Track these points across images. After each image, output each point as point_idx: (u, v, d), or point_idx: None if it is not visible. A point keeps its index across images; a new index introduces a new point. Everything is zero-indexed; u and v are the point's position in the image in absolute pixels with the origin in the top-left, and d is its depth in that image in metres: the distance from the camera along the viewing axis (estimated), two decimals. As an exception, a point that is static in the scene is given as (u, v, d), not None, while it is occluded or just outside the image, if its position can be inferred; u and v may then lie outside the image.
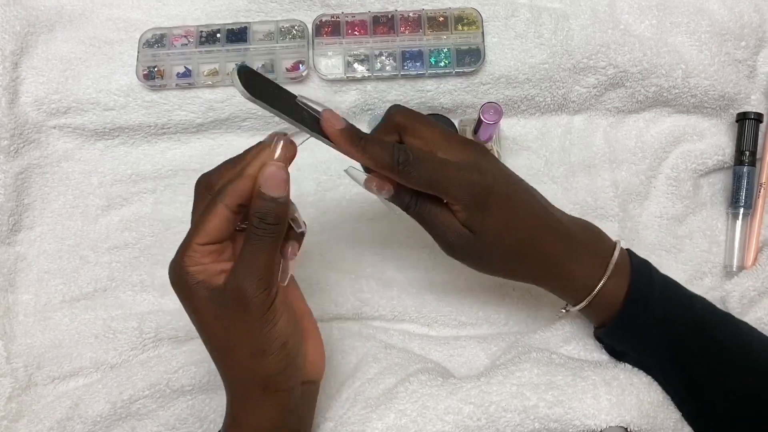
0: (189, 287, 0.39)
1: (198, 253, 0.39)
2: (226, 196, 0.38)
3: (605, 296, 0.47)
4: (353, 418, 0.47)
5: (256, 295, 0.38)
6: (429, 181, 0.42)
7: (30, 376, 0.56)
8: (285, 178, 0.39)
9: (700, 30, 0.61)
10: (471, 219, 0.43)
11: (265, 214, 0.38)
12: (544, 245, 0.46)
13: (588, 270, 0.47)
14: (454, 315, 0.59)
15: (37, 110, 0.61)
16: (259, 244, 0.38)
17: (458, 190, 0.43)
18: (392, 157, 0.42)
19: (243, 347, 0.40)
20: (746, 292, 0.56)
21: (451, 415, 0.45)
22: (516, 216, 0.45)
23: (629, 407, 0.45)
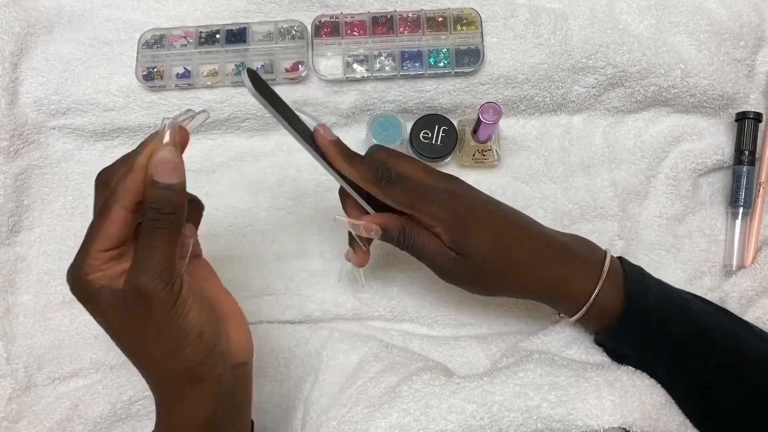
0: (91, 294, 0.37)
1: (98, 260, 0.36)
2: (120, 195, 0.36)
3: (601, 303, 0.48)
4: (356, 417, 0.47)
5: (158, 292, 0.36)
6: (410, 198, 0.45)
7: (30, 376, 0.56)
8: (178, 162, 0.37)
9: (699, 30, 0.61)
10: (456, 240, 0.45)
11: (161, 204, 0.36)
12: (535, 257, 0.47)
13: (582, 278, 0.48)
14: (454, 315, 0.59)
15: (36, 111, 0.61)
16: (155, 236, 0.36)
17: (437, 209, 0.45)
18: (377, 173, 0.44)
19: (157, 346, 0.38)
20: (746, 292, 0.56)
21: (454, 414, 0.45)
22: (500, 232, 0.47)
23: (632, 409, 0.45)
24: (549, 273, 0.47)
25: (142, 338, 0.38)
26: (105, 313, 0.37)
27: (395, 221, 0.47)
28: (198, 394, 0.40)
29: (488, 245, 0.46)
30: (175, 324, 0.37)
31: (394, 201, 0.45)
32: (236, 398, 0.43)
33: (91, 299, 0.37)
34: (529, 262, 0.47)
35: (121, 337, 0.39)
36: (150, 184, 0.36)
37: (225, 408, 0.42)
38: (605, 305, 0.48)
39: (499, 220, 0.47)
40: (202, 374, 0.39)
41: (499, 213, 0.48)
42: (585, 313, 0.48)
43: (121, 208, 0.36)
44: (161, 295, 0.36)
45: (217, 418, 0.41)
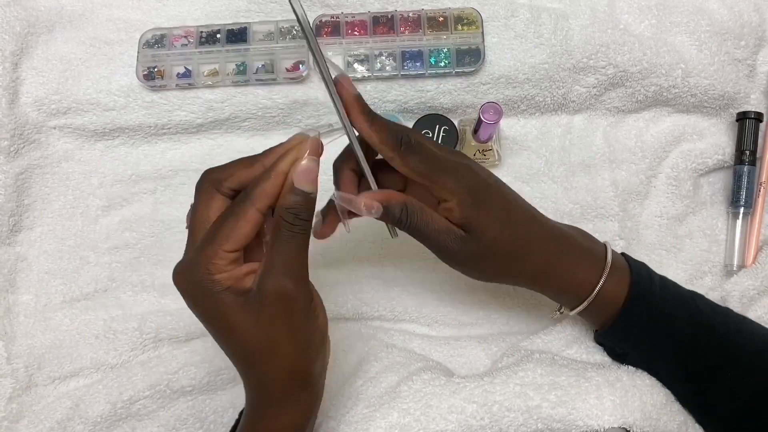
0: (214, 296, 0.37)
1: (224, 261, 0.37)
2: (258, 198, 0.37)
3: (605, 296, 0.47)
4: (356, 417, 0.47)
5: (300, 293, 0.38)
6: (427, 168, 0.42)
7: (30, 376, 0.56)
8: (318, 172, 0.38)
9: (699, 29, 0.61)
10: (467, 216, 0.42)
11: (299, 210, 0.38)
12: (540, 244, 0.46)
13: (586, 269, 0.47)
14: (455, 315, 0.59)
15: (37, 111, 0.61)
16: (294, 240, 0.38)
17: (454, 182, 0.42)
18: (397, 137, 0.42)
19: (288, 347, 0.39)
20: (746, 291, 0.56)
21: (454, 414, 0.45)
22: (511, 214, 0.45)
23: (632, 409, 0.45)
24: (554, 261, 0.46)
25: (272, 339, 0.38)
26: (228, 314, 0.37)
27: (397, 198, 0.43)
28: (307, 395, 0.42)
29: (500, 224, 0.43)
30: (309, 326, 0.39)
31: (412, 169, 0.42)
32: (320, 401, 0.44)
33: (211, 300, 0.37)
34: (536, 248, 0.45)
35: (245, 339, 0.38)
36: (291, 191, 0.38)
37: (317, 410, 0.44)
38: (608, 298, 0.47)
39: (511, 202, 0.45)
40: (315, 376, 0.41)
41: (510, 194, 0.46)
42: (587, 305, 0.47)
43: (257, 210, 0.37)
44: (302, 297, 0.38)
45: (311, 420, 0.43)
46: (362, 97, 0.42)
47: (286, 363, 0.40)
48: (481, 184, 0.44)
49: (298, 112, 0.62)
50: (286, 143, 0.39)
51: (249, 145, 0.63)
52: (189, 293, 0.38)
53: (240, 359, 0.40)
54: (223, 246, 0.37)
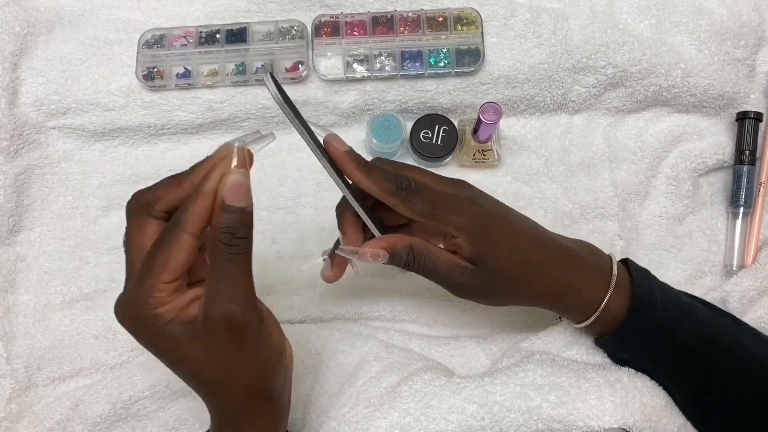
0: (159, 329, 0.35)
1: (164, 292, 0.35)
2: (189, 223, 0.35)
3: (608, 311, 0.47)
4: (356, 417, 0.47)
5: (248, 319, 0.36)
6: (431, 208, 0.42)
7: (30, 376, 0.56)
8: (249, 185, 0.36)
9: (699, 29, 0.61)
10: (476, 250, 0.43)
11: (235, 228, 0.35)
12: (549, 266, 0.46)
13: (591, 286, 0.47)
14: (455, 314, 0.59)
15: (36, 111, 0.61)
16: (234, 262, 0.35)
17: (459, 218, 0.42)
18: (396, 183, 0.41)
19: (243, 372, 0.38)
20: (746, 291, 0.56)
21: (454, 414, 0.45)
22: (518, 239, 0.45)
23: (633, 410, 0.45)
24: (560, 280, 0.46)
25: (227, 366, 0.37)
26: (177, 346, 0.36)
27: (402, 242, 0.43)
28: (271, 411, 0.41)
29: (508, 253, 0.44)
30: (263, 348, 0.38)
31: (416, 211, 0.42)
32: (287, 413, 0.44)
33: (158, 334, 0.35)
34: (542, 270, 0.45)
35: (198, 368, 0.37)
36: (223, 209, 0.35)
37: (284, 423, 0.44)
38: (612, 312, 0.47)
39: (517, 228, 0.45)
40: (276, 392, 0.40)
41: (516, 220, 0.46)
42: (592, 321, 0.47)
43: (190, 236, 0.35)
44: (252, 320, 0.36)
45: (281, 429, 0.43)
46: (353, 151, 0.42)
47: (243, 387, 0.38)
48: (486, 215, 0.43)
49: (298, 112, 0.62)
50: (212, 157, 0.37)
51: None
52: (134, 329, 0.36)
53: (197, 386, 0.39)
54: (160, 278, 0.35)
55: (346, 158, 0.41)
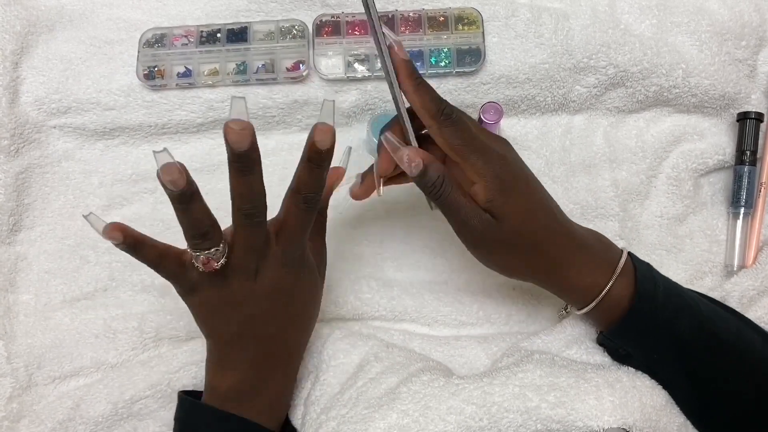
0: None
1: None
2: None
3: (611, 298, 0.47)
4: (355, 418, 0.47)
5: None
6: (461, 144, 0.43)
7: (30, 376, 0.56)
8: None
9: (700, 29, 0.61)
10: (492, 199, 0.44)
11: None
12: (557, 240, 0.47)
13: (596, 271, 0.47)
14: (455, 315, 0.59)
15: (37, 110, 0.61)
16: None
17: (484, 164, 0.43)
18: (438, 106, 0.43)
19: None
20: (746, 291, 0.56)
21: (453, 415, 0.45)
22: (535, 207, 0.46)
23: (632, 410, 0.45)
24: (568, 259, 0.47)
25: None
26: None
27: (438, 164, 0.44)
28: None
29: (522, 215, 0.45)
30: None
31: (446, 141, 0.43)
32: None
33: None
34: (552, 243, 0.46)
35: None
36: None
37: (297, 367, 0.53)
38: (615, 300, 0.47)
39: (536, 194, 0.47)
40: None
41: (537, 188, 0.47)
42: (594, 306, 0.48)
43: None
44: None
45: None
46: (412, 62, 0.44)
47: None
48: (510, 171, 0.45)
49: (299, 111, 0.62)
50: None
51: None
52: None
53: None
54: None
55: (403, 66, 0.43)
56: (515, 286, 0.60)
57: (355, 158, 0.64)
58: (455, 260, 0.61)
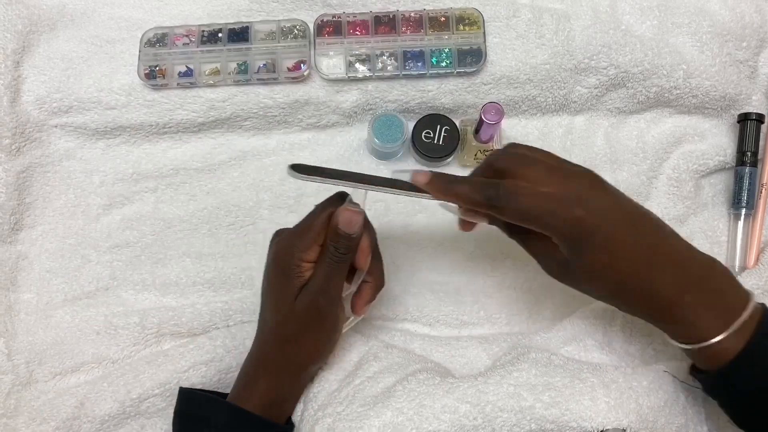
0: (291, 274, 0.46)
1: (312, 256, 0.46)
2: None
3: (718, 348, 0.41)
4: (351, 415, 0.47)
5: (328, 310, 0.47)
6: (523, 215, 0.42)
7: (31, 372, 0.57)
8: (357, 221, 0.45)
9: (701, 31, 0.61)
10: (570, 254, 0.42)
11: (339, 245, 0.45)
12: (653, 282, 0.42)
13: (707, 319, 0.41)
14: (456, 315, 0.59)
15: (38, 109, 0.61)
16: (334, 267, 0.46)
17: (555, 223, 0.41)
18: (480, 193, 0.43)
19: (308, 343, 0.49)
20: (751, 290, 0.56)
21: (447, 414, 0.45)
22: (621, 255, 0.41)
23: (627, 411, 0.45)
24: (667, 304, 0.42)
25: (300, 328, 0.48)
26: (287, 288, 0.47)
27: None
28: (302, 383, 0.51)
29: (602, 267, 0.41)
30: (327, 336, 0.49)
31: (508, 218, 0.42)
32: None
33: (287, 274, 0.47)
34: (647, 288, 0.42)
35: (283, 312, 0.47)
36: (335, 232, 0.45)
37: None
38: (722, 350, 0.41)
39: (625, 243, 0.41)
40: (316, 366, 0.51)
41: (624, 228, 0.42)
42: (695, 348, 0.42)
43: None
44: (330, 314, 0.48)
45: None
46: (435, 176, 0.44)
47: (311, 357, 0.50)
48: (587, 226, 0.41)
49: (300, 111, 0.62)
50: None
51: (250, 144, 0.64)
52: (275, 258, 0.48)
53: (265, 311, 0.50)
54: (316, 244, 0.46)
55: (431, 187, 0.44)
56: (516, 286, 0.60)
57: (356, 158, 0.64)
58: (456, 260, 0.61)
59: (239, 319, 0.58)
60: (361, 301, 0.50)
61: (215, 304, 0.58)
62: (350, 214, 0.45)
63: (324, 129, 0.64)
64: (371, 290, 0.50)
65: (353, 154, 0.64)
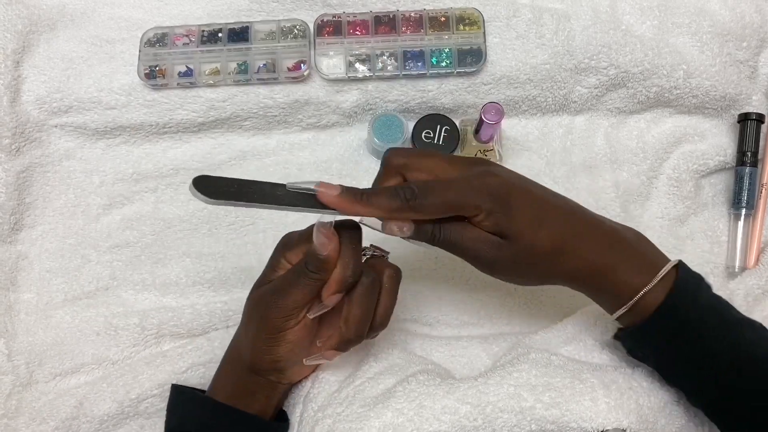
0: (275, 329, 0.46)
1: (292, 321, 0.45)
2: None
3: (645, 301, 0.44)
4: (351, 416, 0.47)
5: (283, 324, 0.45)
6: (444, 203, 0.41)
7: (31, 373, 0.57)
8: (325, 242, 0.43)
9: (701, 31, 0.61)
10: (498, 223, 0.42)
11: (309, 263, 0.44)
12: (584, 241, 0.44)
13: (633, 270, 0.44)
14: (456, 314, 0.59)
15: (38, 109, 0.61)
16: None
17: (475, 196, 0.41)
18: (398, 197, 0.41)
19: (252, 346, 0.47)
20: (752, 290, 0.56)
21: (447, 414, 0.45)
22: (545, 210, 0.43)
23: (627, 411, 0.45)
24: (597, 259, 0.44)
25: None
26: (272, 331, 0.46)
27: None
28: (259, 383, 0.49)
29: (534, 224, 0.42)
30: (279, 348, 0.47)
31: (431, 214, 0.42)
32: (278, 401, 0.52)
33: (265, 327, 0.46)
34: (577, 245, 0.43)
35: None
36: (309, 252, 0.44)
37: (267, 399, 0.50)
38: (647, 302, 0.44)
39: (542, 199, 0.44)
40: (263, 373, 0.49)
41: (541, 192, 0.45)
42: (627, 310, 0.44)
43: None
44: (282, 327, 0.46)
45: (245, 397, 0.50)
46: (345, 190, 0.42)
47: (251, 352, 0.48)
48: (503, 185, 0.42)
49: (300, 111, 0.62)
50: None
51: (250, 144, 0.64)
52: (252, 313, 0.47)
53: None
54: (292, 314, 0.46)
55: (341, 202, 0.41)
56: (516, 287, 0.60)
57: (356, 158, 0.64)
58: (456, 259, 0.60)
59: (238, 319, 0.58)
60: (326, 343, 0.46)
61: (215, 305, 0.58)
62: (323, 236, 0.42)
63: (324, 129, 0.64)
64: (336, 338, 0.46)
65: (353, 154, 0.64)
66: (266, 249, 0.62)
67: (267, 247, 0.61)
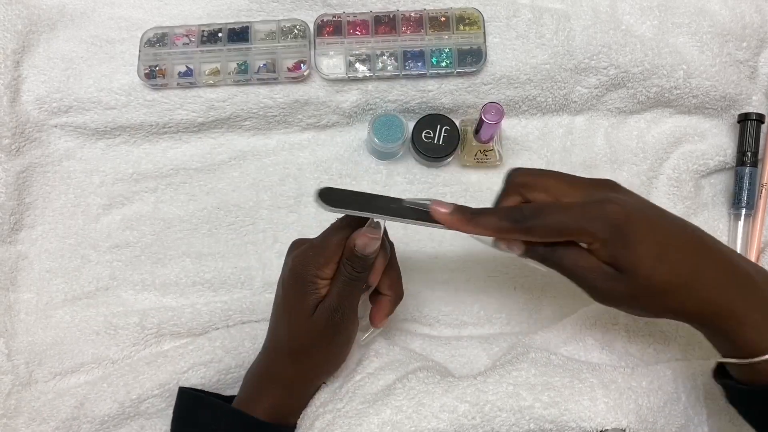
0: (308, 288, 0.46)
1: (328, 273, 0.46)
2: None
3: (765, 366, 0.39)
4: (351, 412, 0.47)
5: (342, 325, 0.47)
6: (555, 227, 0.40)
7: (31, 373, 0.57)
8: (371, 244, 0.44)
9: (701, 31, 0.61)
10: (614, 255, 0.40)
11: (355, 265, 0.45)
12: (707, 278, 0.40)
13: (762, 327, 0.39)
14: (456, 315, 0.59)
15: (38, 109, 0.61)
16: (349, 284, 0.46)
17: (590, 225, 0.39)
18: (508, 219, 0.41)
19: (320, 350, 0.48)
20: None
21: (446, 413, 0.45)
22: (668, 243, 0.40)
23: (627, 411, 0.45)
24: (720, 300, 0.40)
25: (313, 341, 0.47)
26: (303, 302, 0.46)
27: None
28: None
29: (653, 259, 0.39)
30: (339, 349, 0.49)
31: (543, 237, 0.41)
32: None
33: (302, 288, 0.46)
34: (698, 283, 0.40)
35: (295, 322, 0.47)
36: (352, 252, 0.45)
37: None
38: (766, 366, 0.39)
39: (665, 229, 0.41)
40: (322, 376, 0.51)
41: (664, 221, 0.41)
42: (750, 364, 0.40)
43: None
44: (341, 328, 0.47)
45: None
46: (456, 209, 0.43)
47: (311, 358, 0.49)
48: (624, 217, 0.40)
49: (300, 111, 0.62)
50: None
51: (250, 144, 0.64)
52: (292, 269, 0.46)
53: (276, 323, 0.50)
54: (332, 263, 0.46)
55: (452, 221, 0.43)
56: (516, 286, 0.60)
57: (356, 158, 0.64)
58: (456, 259, 0.61)
59: (239, 319, 0.58)
60: (380, 314, 0.49)
61: (215, 305, 0.58)
62: (367, 239, 0.44)
63: (324, 129, 0.64)
64: (389, 304, 0.49)
65: (353, 154, 0.64)
66: (266, 249, 0.62)
67: (267, 247, 0.61)
